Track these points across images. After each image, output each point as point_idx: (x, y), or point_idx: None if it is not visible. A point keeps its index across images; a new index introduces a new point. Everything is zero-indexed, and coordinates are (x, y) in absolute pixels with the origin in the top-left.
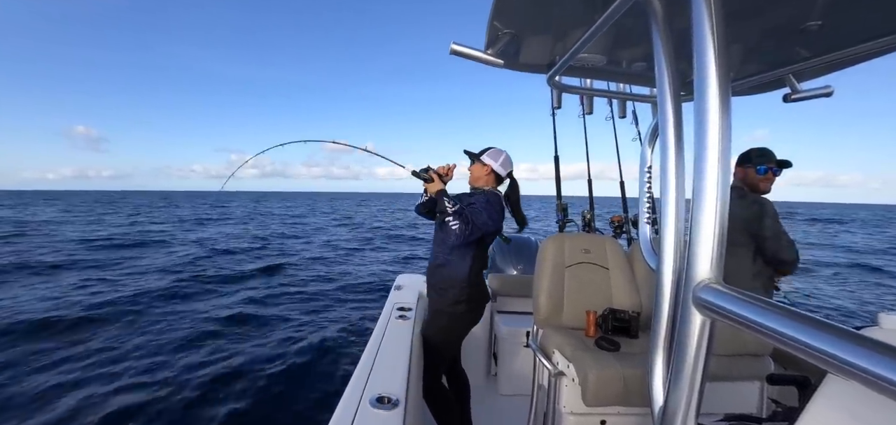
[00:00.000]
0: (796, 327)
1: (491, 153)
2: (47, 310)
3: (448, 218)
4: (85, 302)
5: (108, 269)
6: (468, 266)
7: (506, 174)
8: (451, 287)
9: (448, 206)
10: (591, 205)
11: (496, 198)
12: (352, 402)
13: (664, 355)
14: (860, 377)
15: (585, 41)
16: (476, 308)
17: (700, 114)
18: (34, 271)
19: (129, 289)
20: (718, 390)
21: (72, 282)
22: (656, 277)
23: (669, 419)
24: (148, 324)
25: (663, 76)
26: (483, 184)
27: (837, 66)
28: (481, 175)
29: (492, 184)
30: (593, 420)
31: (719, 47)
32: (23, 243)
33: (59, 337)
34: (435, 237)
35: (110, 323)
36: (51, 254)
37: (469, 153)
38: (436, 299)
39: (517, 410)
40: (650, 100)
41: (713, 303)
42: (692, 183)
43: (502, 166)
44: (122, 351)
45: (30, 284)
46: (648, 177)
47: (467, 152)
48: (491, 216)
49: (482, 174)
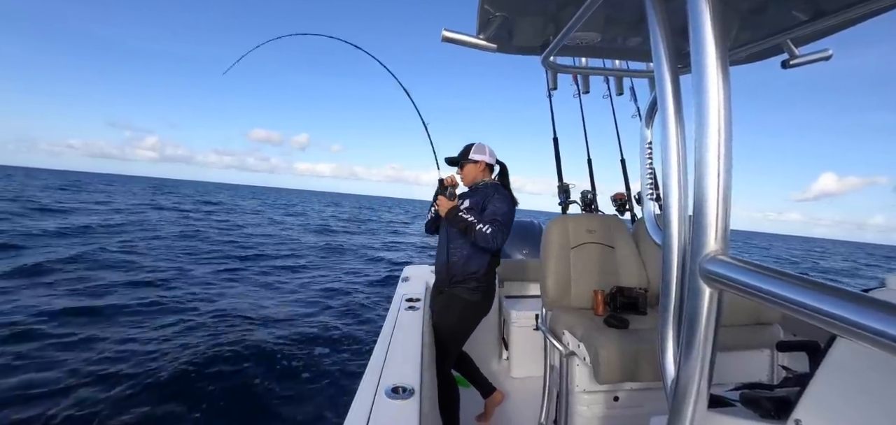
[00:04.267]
0: (804, 293)
1: (476, 149)
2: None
3: (480, 227)
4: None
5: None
6: (488, 260)
7: (495, 161)
8: (470, 279)
9: (471, 218)
10: (593, 186)
11: (504, 188)
12: (368, 394)
13: (674, 329)
14: (869, 338)
15: (579, 19)
16: (490, 297)
17: (699, 85)
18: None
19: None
20: (729, 360)
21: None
22: (662, 252)
23: (682, 392)
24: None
25: (660, 50)
26: (480, 180)
27: (834, 29)
28: (477, 172)
29: (488, 176)
30: (606, 396)
31: (715, 16)
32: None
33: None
34: (449, 233)
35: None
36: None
37: (452, 160)
38: (453, 290)
39: (530, 392)
40: (647, 75)
41: (721, 274)
42: (694, 155)
43: (490, 155)
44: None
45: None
46: (649, 153)
47: (450, 160)
48: (512, 209)
49: (477, 171)
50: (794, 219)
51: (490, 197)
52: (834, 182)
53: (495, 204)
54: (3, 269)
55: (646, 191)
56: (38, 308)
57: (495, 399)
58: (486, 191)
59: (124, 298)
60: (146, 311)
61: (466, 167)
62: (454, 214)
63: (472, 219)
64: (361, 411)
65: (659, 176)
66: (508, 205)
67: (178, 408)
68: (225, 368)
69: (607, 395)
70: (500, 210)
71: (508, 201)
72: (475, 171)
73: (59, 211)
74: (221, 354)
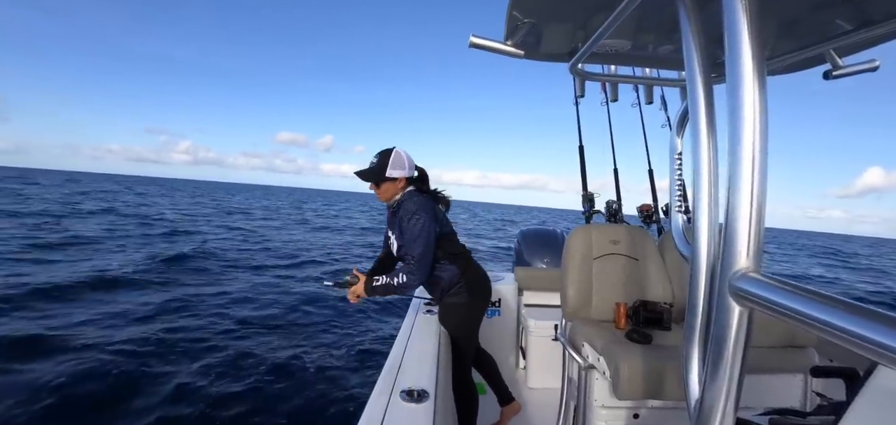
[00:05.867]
0: (843, 316)
1: (393, 162)
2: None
3: (397, 280)
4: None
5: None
6: (452, 267)
7: (414, 169)
8: (448, 288)
9: (387, 280)
10: (618, 196)
11: (422, 201)
12: (382, 396)
13: (700, 347)
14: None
15: (609, 26)
16: (477, 292)
17: (734, 96)
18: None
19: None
20: (759, 383)
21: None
22: (690, 267)
23: (706, 413)
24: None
25: (693, 58)
26: (399, 195)
27: (882, 39)
28: (396, 190)
29: (406, 187)
30: (626, 413)
31: (753, 25)
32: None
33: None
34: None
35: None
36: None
37: (364, 174)
38: (442, 301)
39: (547, 404)
40: (679, 84)
41: (752, 292)
42: (727, 168)
43: (410, 167)
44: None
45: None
46: (679, 164)
47: (362, 174)
48: (426, 223)
49: (397, 189)
50: (836, 217)
51: (402, 218)
52: (881, 177)
53: (406, 228)
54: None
55: (674, 202)
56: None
57: (513, 408)
58: (403, 209)
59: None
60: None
61: (385, 186)
62: (372, 292)
63: (387, 281)
64: (376, 413)
65: (689, 188)
66: (422, 221)
67: (176, 408)
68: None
69: (627, 412)
70: (412, 233)
71: (419, 212)
72: (393, 190)
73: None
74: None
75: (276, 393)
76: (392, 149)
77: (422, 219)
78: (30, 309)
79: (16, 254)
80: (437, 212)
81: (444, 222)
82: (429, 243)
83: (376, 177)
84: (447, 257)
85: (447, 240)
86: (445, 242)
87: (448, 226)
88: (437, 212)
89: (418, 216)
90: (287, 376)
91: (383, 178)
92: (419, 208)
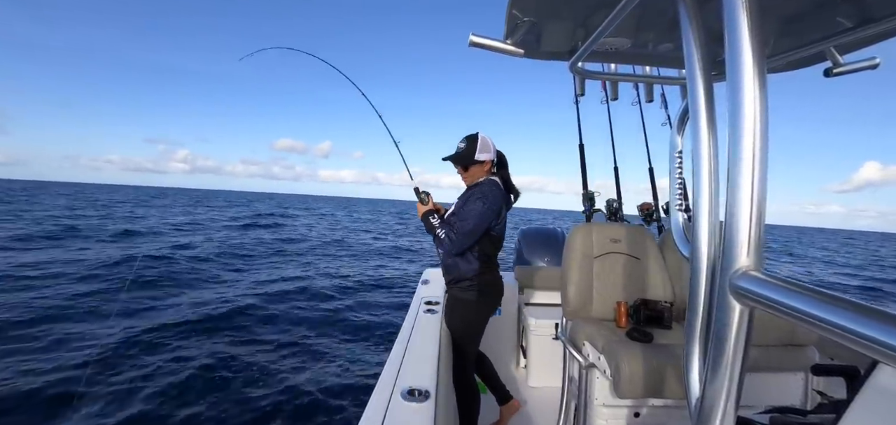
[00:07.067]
0: (844, 314)
1: (481, 147)
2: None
3: (439, 232)
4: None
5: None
6: (474, 261)
7: (495, 153)
8: (462, 279)
9: (437, 224)
10: (618, 195)
11: (498, 194)
12: (384, 395)
13: (700, 346)
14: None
15: (609, 24)
16: (488, 297)
17: (734, 93)
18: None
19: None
20: (759, 381)
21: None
22: (691, 265)
23: (707, 411)
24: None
25: (693, 56)
26: (483, 177)
27: (882, 37)
28: (482, 173)
29: (490, 169)
30: (627, 412)
31: (753, 23)
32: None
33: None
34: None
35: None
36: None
37: (454, 158)
38: (450, 290)
39: (547, 402)
40: (679, 82)
41: (752, 291)
42: (727, 166)
43: (493, 150)
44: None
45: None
46: (679, 163)
47: (452, 158)
48: (487, 208)
49: (483, 172)
50: (834, 212)
51: (472, 196)
52: (878, 171)
53: (469, 204)
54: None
55: (675, 201)
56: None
57: (512, 407)
58: (478, 189)
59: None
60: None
61: (472, 169)
62: (425, 220)
63: (437, 224)
64: (377, 412)
65: (689, 186)
66: (483, 204)
67: (177, 408)
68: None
69: (628, 411)
70: (471, 212)
71: (487, 198)
72: (481, 172)
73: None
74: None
75: (276, 393)
76: (477, 134)
77: (486, 205)
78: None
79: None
80: (503, 210)
81: (501, 224)
82: (477, 229)
83: (466, 160)
84: (478, 253)
85: (490, 240)
86: (487, 241)
87: (501, 228)
88: (503, 210)
89: (484, 201)
90: (287, 376)
91: (473, 162)
92: (489, 197)
